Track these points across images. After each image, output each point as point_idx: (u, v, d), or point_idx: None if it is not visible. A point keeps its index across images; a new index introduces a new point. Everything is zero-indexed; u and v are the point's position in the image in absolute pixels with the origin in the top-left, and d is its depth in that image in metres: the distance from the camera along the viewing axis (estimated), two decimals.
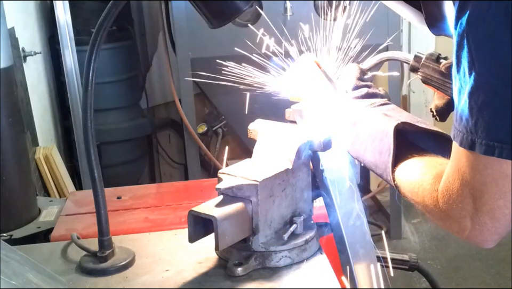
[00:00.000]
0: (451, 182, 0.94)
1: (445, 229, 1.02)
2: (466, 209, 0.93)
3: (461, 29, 0.88)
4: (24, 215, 1.91)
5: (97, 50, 1.22)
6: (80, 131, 1.45)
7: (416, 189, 1.05)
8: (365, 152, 1.20)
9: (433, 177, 1.01)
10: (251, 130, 1.35)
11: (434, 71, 1.26)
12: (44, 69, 3.57)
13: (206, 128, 3.90)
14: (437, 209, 0.99)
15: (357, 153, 1.22)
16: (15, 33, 2.95)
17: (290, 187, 1.25)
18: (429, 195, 1.01)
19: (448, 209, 0.96)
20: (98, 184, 1.26)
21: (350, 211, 1.30)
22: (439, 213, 0.99)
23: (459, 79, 0.90)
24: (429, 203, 1.01)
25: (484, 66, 0.86)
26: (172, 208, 1.92)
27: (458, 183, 0.93)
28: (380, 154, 1.16)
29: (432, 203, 1.00)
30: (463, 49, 0.88)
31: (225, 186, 1.21)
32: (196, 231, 1.18)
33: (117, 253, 1.30)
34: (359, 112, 1.24)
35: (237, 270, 1.19)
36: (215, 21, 1.24)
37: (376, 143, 1.17)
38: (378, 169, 1.17)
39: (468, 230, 0.95)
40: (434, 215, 1.02)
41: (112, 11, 1.20)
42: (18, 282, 0.96)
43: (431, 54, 1.27)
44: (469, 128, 0.89)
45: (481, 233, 0.94)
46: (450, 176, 0.94)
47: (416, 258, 2.17)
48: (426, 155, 1.11)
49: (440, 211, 0.98)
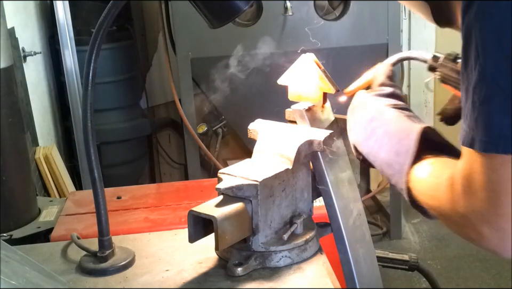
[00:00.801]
0: (467, 185, 0.90)
1: (463, 237, 0.97)
2: (483, 214, 0.88)
3: (468, 24, 0.87)
4: (24, 215, 1.91)
5: (97, 50, 1.22)
6: (80, 131, 1.45)
7: (431, 191, 1.01)
8: (379, 149, 1.17)
9: (450, 178, 0.95)
10: (251, 130, 1.35)
11: (452, 70, 1.25)
12: (44, 69, 3.57)
13: (206, 128, 3.90)
14: (455, 213, 0.94)
15: (370, 149, 1.20)
16: (15, 33, 2.95)
17: (290, 187, 1.25)
18: (446, 198, 0.96)
19: (465, 214, 0.91)
20: (98, 184, 1.26)
21: (350, 211, 1.30)
22: (456, 218, 0.94)
23: (466, 76, 0.89)
24: (446, 207, 0.96)
25: (489, 60, 0.84)
26: (171, 208, 1.92)
27: (474, 185, 0.89)
28: (396, 155, 1.13)
29: (450, 207, 0.95)
30: (471, 45, 0.87)
31: (225, 186, 1.21)
32: (195, 231, 1.18)
33: (117, 253, 1.30)
34: (379, 108, 1.22)
35: (237, 270, 1.19)
36: (215, 21, 1.24)
37: (394, 142, 1.14)
38: (391, 169, 1.14)
39: (486, 237, 0.90)
40: (451, 220, 0.97)
41: (112, 11, 1.20)
42: (18, 282, 0.96)
43: (449, 54, 1.27)
44: (471, 125, 0.87)
45: (500, 241, 0.89)
46: (466, 178, 0.90)
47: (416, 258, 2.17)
48: (443, 156, 1.07)
49: (458, 216, 0.93)
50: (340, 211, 1.27)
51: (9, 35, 2.11)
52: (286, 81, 1.34)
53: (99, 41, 1.21)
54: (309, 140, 1.24)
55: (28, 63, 3.17)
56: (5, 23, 1.92)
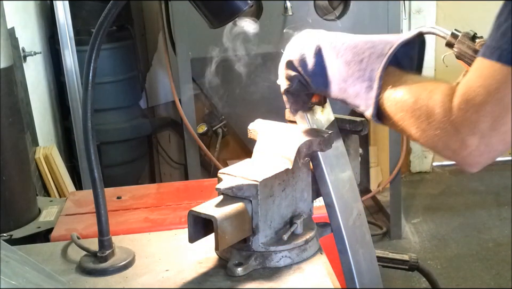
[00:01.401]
0: (472, 95, 0.91)
1: (437, 146, 0.98)
2: (479, 127, 0.91)
3: None
4: (24, 215, 1.91)
5: (97, 50, 1.22)
6: (80, 131, 1.45)
7: (416, 97, 1.00)
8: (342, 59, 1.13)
9: (450, 88, 0.96)
10: (251, 130, 1.35)
11: (468, 48, 1.26)
12: (44, 69, 3.57)
13: (206, 128, 3.90)
14: (445, 120, 0.94)
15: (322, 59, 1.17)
16: (15, 33, 2.94)
17: (290, 187, 1.25)
18: (439, 104, 0.95)
19: (459, 123, 0.93)
20: (98, 184, 1.26)
21: (350, 211, 1.30)
22: (445, 125, 0.94)
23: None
24: (436, 112, 0.96)
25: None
26: (172, 208, 1.92)
27: (481, 98, 0.90)
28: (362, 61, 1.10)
29: (441, 114, 0.95)
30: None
31: (225, 186, 1.21)
32: (195, 231, 1.18)
33: (117, 253, 1.30)
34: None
35: (237, 270, 1.19)
36: (215, 21, 1.24)
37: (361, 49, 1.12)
38: (359, 80, 1.10)
39: (470, 149, 0.93)
40: (435, 128, 0.97)
41: (112, 11, 1.20)
42: (18, 282, 0.96)
43: (467, 33, 1.28)
44: (496, 39, 0.89)
45: (480, 155, 0.93)
46: (473, 89, 0.92)
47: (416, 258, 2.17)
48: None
49: (448, 123, 0.94)
50: (340, 211, 1.27)
51: (9, 35, 2.11)
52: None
53: (99, 41, 1.21)
54: (309, 140, 1.25)
55: (28, 63, 3.17)
56: (5, 23, 1.92)
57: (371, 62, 1.09)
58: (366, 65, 1.09)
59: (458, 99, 0.93)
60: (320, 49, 1.19)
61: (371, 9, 3.36)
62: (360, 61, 1.11)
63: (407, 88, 1.03)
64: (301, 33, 1.26)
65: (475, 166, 0.96)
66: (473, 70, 0.94)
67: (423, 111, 0.99)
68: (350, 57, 1.12)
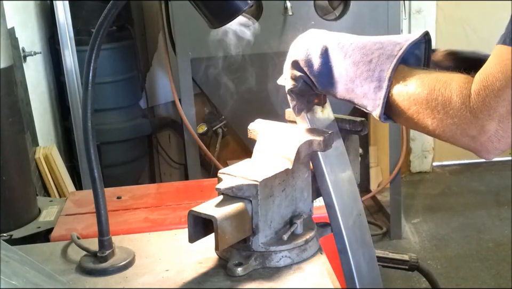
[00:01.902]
0: (492, 80, 0.93)
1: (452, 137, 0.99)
2: (498, 112, 0.92)
3: None
4: (24, 215, 1.91)
5: (97, 50, 1.22)
6: (80, 131, 1.45)
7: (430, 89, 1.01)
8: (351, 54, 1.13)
9: (466, 77, 0.98)
10: (251, 130, 1.35)
11: None
12: (44, 69, 3.57)
13: (206, 128, 3.90)
14: (464, 107, 0.95)
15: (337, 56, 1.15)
16: (15, 33, 2.95)
17: (290, 187, 1.25)
18: (456, 93, 0.97)
19: (478, 108, 0.94)
20: (98, 184, 1.26)
21: (350, 211, 1.30)
22: (463, 112, 0.96)
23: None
24: (453, 101, 0.97)
25: None
26: (172, 208, 1.92)
27: (500, 83, 0.92)
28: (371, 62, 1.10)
29: (459, 101, 0.96)
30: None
31: (225, 186, 1.21)
32: (195, 231, 1.18)
33: (117, 253, 1.30)
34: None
35: (237, 270, 1.19)
36: (215, 21, 1.24)
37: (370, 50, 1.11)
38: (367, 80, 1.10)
39: (488, 133, 0.94)
40: (452, 116, 0.98)
41: (112, 11, 1.20)
42: (18, 282, 0.96)
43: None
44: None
45: (499, 140, 0.94)
46: (492, 74, 0.93)
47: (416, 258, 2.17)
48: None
49: (467, 110, 0.95)
50: (340, 211, 1.27)
51: (9, 35, 2.11)
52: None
53: (99, 41, 1.21)
54: (309, 140, 1.24)
55: (28, 63, 3.17)
56: (5, 23, 1.92)
57: (380, 62, 1.09)
58: (375, 65, 1.09)
59: (477, 86, 0.95)
60: (326, 49, 1.18)
61: (371, 9, 3.36)
62: (369, 61, 1.10)
63: (420, 81, 1.04)
64: (306, 33, 1.25)
65: (493, 151, 0.97)
66: (492, 57, 0.95)
67: (440, 101, 0.99)
68: (359, 58, 1.12)
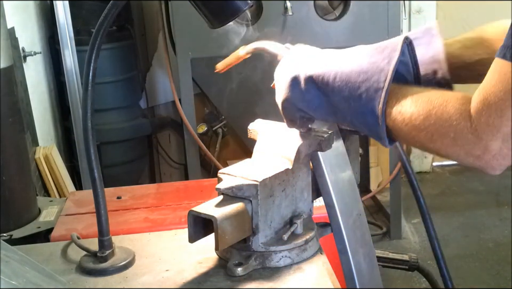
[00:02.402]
0: (494, 100, 0.91)
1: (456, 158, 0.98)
2: (502, 131, 0.91)
3: None
4: (24, 215, 1.91)
5: (97, 50, 1.22)
6: (80, 131, 1.45)
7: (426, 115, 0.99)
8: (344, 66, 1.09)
9: (462, 96, 0.96)
10: (251, 130, 1.35)
11: None
12: (44, 69, 3.57)
13: (206, 128, 3.91)
14: (466, 130, 0.94)
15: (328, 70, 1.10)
16: (15, 33, 2.95)
17: (290, 187, 1.25)
18: (456, 115, 0.95)
19: (481, 129, 0.92)
20: (98, 184, 1.26)
21: (350, 211, 1.30)
22: (466, 135, 0.94)
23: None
24: (453, 124, 0.95)
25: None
26: (171, 208, 1.92)
27: (504, 102, 0.90)
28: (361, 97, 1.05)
29: (461, 124, 0.94)
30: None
31: (225, 186, 1.21)
32: (196, 231, 1.18)
33: (117, 253, 1.30)
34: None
35: (237, 270, 1.19)
36: (215, 21, 1.24)
37: (356, 82, 1.06)
38: (363, 115, 1.06)
39: (493, 152, 0.93)
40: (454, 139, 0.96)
41: (112, 11, 1.20)
42: (18, 282, 0.96)
43: None
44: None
45: (504, 158, 0.93)
46: (494, 93, 0.91)
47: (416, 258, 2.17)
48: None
49: (470, 132, 0.94)
50: (340, 211, 1.27)
51: (9, 35, 2.11)
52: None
53: (99, 41, 1.21)
54: (309, 140, 1.25)
55: (28, 63, 3.17)
56: (5, 23, 1.92)
57: (370, 97, 1.05)
58: (365, 101, 1.06)
59: (478, 105, 0.93)
60: (312, 80, 1.14)
61: (371, 9, 3.36)
62: (359, 96, 1.07)
63: (414, 106, 1.01)
64: (285, 63, 1.20)
65: (499, 168, 0.96)
66: (493, 73, 0.93)
67: (438, 127, 0.98)
68: (347, 93, 1.08)
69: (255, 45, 1.33)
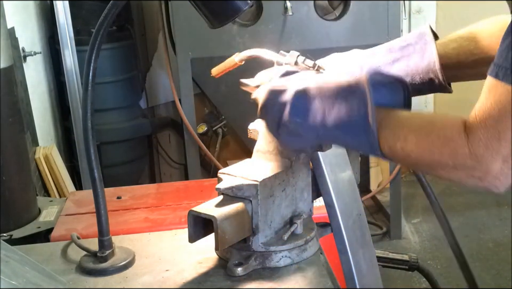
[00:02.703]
0: (491, 123, 0.91)
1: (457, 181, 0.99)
2: (501, 153, 0.91)
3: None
4: (24, 215, 1.91)
5: (97, 50, 1.22)
6: (80, 131, 1.45)
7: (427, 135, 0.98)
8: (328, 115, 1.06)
9: (456, 122, 0.96)
10: (251, 130, 1.35)
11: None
12: (44, 69, 3.57)
13: (206, 128, 3.91)
14: (464, 156, 0.94)
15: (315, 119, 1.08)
16: (15, 33, 2.95)
17: (290, 187, 1.25)
18: (455, 138, 0.95)
19: (481, 154, 0.92)
20: (98, 184, 1.26)
21: (350, 211, 1.30)
22: (465, 161, 0.94)
23: None
24: (453, 153, 0.95)
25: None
26: (172, 208, 1.92)
27: (501, 125, 0.90)
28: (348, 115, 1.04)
29: (458, 151, 0.94)
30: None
31: (225, 186, 1.21)
32: (196, 231, 1.18)
33: (117, 253, 1.30)
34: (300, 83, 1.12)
35: (237, 270, 1.19)
36: (215, 21, 1.24)
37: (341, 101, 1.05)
38: (358, 146, 1.07)
39: (494, 172, 0.93)
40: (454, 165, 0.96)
41: (112, 11, 1.20)
42: (18, 282, 0.96)
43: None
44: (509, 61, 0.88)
45: (505, 177, 0.93)
46: (491, 116, 0.91)
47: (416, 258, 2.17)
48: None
49: (469, 158, 0.94)
50: (340, 211, 1.27)
51: (9, 35, 2.11)
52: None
53: (99, 41, 1.21)
54: None
55: (28, 63, 3.17)
56: (5, 23, 1.92)
57: (359, 134, 1.05)
58: (354, 135, 1.06)
59: (475, 130, 0.93)
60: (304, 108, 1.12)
61: (371, 9, 3.36)
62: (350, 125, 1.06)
63: (402, 139, 1.01)
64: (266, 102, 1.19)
65: (501, 187, 0.96)
66: (487, 94, 0.93)
67: (437, 159, 0.98)
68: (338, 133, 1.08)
69: (249, 53, 1.34)
